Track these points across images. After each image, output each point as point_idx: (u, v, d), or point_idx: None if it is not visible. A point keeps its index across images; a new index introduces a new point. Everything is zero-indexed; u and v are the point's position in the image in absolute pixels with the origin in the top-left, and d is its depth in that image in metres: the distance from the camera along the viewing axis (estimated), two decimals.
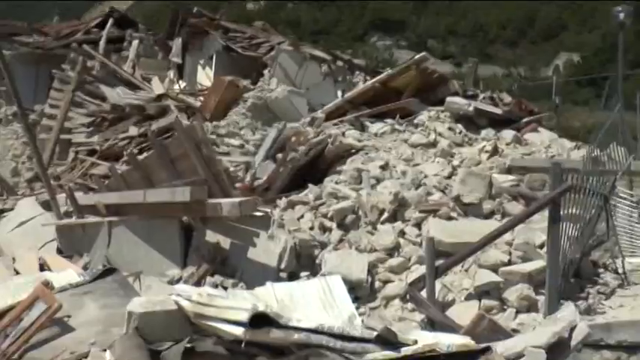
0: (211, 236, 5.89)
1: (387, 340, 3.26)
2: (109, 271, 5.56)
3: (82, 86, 14.58)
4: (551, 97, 21.64)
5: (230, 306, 3.18)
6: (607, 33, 57.62)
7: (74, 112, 14.04)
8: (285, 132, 8.84)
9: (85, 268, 6.85)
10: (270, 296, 4.40)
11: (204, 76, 17.01)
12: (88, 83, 14.72)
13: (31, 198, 10.14)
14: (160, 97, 14.40)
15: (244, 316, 2.94)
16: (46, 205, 9.75)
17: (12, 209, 9.60)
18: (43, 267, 6.82)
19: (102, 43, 16.96)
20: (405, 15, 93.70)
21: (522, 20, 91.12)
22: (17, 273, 6.53)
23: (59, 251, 7.88)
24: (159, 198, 5.71)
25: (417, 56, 9.62)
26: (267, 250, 5.38)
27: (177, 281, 5.49)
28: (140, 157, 6.68)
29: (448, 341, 3.43)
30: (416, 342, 3.33)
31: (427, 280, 4.65)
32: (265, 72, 14.79)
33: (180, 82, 17.60)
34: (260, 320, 2.97)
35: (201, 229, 6.00)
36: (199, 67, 17.39)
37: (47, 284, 4.74)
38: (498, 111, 8.72)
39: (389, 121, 9.09)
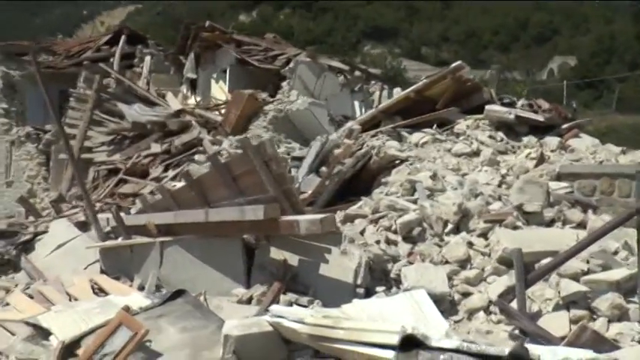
0: (276, 253, 5.77)
1: (520, 356, 3.17)
2: (178, 293, 5.45)
3: (100, 104, 14.46)
4: (562, 102, 21.68)
5: (364, 328, 3.07)
6: (602, 36, 58.19)
7: (94, 130, 13.90)
8: (328, 145, 8.71)
9: (139, 289, 6.74)
10: (360, 313, 4.29)
11: (219, 90, 16.94)
12: (105, 101, 14.60)
13: (63, 219, 9.99)
14: (178, 113, 14.30)
15: (393, 339, 2.83)
16: (81, 226, 9.63)
17: (45, 232, 9.44)
18: (94, 290, 6.71)
19: (116, 60, 16.87)
20: (398, 22, 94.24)
21: (515, 25, 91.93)
22: (71, 297, 6.39)
23: (102, 273, 7.75)
24: (225, 217, 5.58)
25: (453, 65, 9.57)
26: (341, 265, 5.26)
27: (249, 301, 5.35)
28: (194, 176, 6.51)
29: (576, 356, 3.34)
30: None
31: (517, 291, 4.55)
32: (284, 84, 14.74)
33: (194, 96, 17.55)
34: (407, 342, 2.87)
35: (264, 247, 5.88)
36: (212, 81, 17.34)
37: (128, 309, 4.61)
38: (540, 118, 8.67)
39: (428, 130, 9.01)
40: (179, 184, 10.15)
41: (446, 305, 4.90)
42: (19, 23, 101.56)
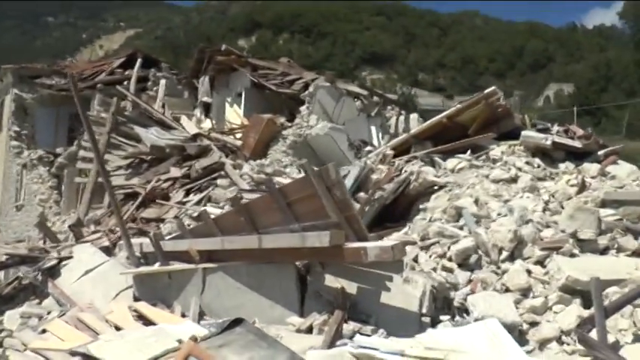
0: (331, 281, 5.61)
1: None
2: (236, 322, 5.27)
3: (116, 127, 14.33)
4: None
5: None
6: (598, 63, 58.92)
7: (112, 154, 13.74)
8: (364, 170, 8.60)
9: (182, 316, 6.54)
10: (436, 344, 4.14)
11: (233, 114, 16.87)
12: (121, 124, 14.48)
13: (87, 245, 9.79)
14: (195, 137, 14.19)
15: None
16: (105, 252, 9.44)
17: (70, 257, 9.23)
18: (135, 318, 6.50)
19: (132, 83, 16.83)
20: (395, 49, 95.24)
21: (510, 52, 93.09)
22: (112, 326, 6.17)
23: (136, 299, 7.54)
24: (282, 243, 5.43)
25: (486, 90, 9.54)
26: (403, 293, 5.11)
27: (309, 330, 5.17)
28: (243, 202, 6.36)
29: None
30: None
31: (597, 322, 4.41)
32: (302, 108, 14.70)
33: (208, 120, 17.46)
34: None
35: (318, 274, 5.72)
36: (227, 105, 17.29)
37: (196, 340, 4.43)
38: (578, 144, 8.61)
39: (464, 156, 8.93)
40: (208, 209, 10.01)
41: (515, 335, 4.73)
42: (19, 46, 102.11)
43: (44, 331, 6.49)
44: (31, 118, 19.59)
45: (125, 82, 17.81)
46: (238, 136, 14.97)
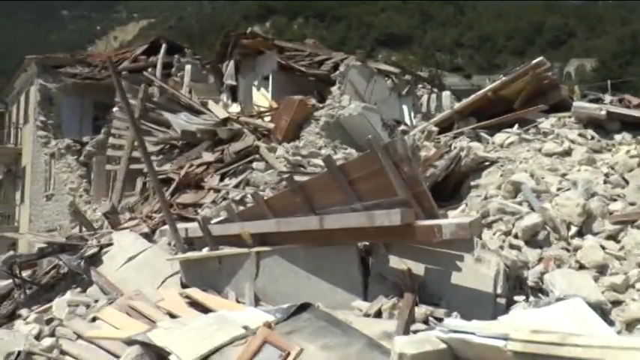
0: (396, 262, 5.35)
1: None
2: (302, 307, 5.06)
3: (146, 114, 14.15)
4: None
5: (614, 345, 2.65)
6: (623, 36, 57.58)
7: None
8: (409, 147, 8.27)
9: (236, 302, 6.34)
10: (519, 325, 3.86)
11: (261, 98, 16.61)
12: (150, 111, 14.30)
13: (125, 231, 9.64)
14: (225, 121, 13.96)
15: None
16: (145, 238, 9.27)
17: (110, 244, 9.10)
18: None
19: (158, 69, 16.63)
20: (411, 29, 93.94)
21: (529, 29, 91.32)
22: (165, 313, 5.99)
23: (183, 286, 7.37)
24: (347, 223, 5.18)
25: (534, 61, 9.16)
26: (476, 274, 4.84)
27: (378, 314, 4.93)
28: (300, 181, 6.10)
29: None
30: None
31: None
32: (333, 89, 14.38)
33: (234, 104, 17.22)
34: None
35: (382, 256, 5.46)
36: (254, 89, 17.02)
37: (270, 326, 4.22)
38: (636, 113, 8.21)
39: (512, 130, 8.58)
40: (245, 192, 9.79)
41: (598, 315, 4.44)
42: (35, 40, 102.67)
43: (94, 319, 6.35)
44: (57, 107, 19.54)
45: (149, 69, 17.60)
46: (267, 119, 14.72)
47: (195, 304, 6.04)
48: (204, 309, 5.85)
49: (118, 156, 14.12)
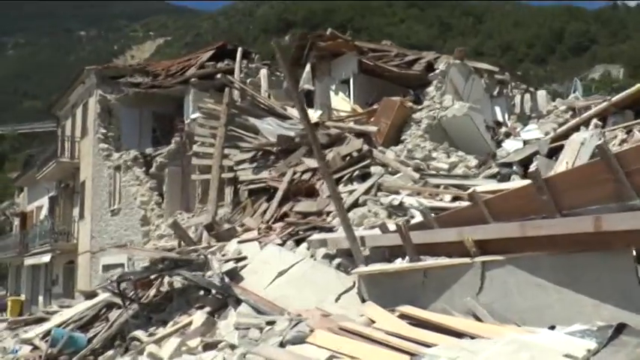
0: None
1: None
2: (618, 329, 4.07)
3: (232, 120, 13.29)
4: None
5: None
6: None
7: (230, 147, 12.66)
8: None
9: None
10: None
11: (341, 102, 15.70)
12: (236, 116, 13.44)
13: (252, 243, 8.69)
14: (316, 125, 13.04)
15: None
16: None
17: (243, 258, 8.14)
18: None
19: (236, 73, 15.76)
20: (431, 39, 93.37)
21: (550, 36, 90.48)
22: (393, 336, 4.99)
23: (363, 301, 6.40)
24: (636, 224, 4.20)
25: None
26: None
27: None
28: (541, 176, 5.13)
29: None
30: None
31: None
32: (430, 89, 13.45)
33: (310, 110, 16.33)
34: None
35: None
36: (332, 93, 16.11)
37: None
38: None
39: None
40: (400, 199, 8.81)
41: None
42: (53, 62, 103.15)
43: (289, 343, 5.34)
44: (116, 119, 18.75)
45: (217, 75, 16.75)
46: (350, 124, 13.75)
47: (420, 325, 5.05)
48: (434, 330, 4.85)
49: (203, 164, 13.21)
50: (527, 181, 8.32)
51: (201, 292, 8.30)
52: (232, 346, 5.87)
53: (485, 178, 9.95)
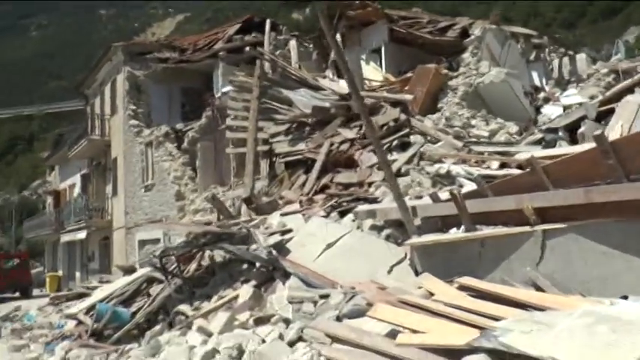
0: None
1: None
2: None
3: (265, 92, 13.13)
4: None
5: None
6: None
7: (272, 120, 12.51)
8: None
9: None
10: None
11: (372, 71, 15.41)
12: (268, 88, 13.27)
13: (296, 215, 8.60)
14: (349, 95, 12.81)
15: None
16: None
17: (289, 230, 8.06)
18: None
19: (266, 46, 15.54)
20: (456, 5, 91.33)
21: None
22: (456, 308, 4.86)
23: (417, 274, 6.27)
24: None
25: None
26: None
27: None
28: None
29: None
30: None
31: None
32: (465, 55, 13.08)
33: (340, 80, 16.08)
34: None
35: None
36: (362, 63, 15.81)
37: None
38: None
39: None
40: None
41: None
42: (75, 41, 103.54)
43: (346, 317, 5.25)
44: (146, 95, 18.72)
45: (246, 48, 16.56)
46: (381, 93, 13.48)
47: (480, 296, 4.89)
48: (500, 303, 4.69)
49: (238, 138, 13.10)
50: (577, 147, 8.10)
51: (245, 266, 8.25)
52: (286, 321, 5.79)
53: (528, 144, 9.67)
